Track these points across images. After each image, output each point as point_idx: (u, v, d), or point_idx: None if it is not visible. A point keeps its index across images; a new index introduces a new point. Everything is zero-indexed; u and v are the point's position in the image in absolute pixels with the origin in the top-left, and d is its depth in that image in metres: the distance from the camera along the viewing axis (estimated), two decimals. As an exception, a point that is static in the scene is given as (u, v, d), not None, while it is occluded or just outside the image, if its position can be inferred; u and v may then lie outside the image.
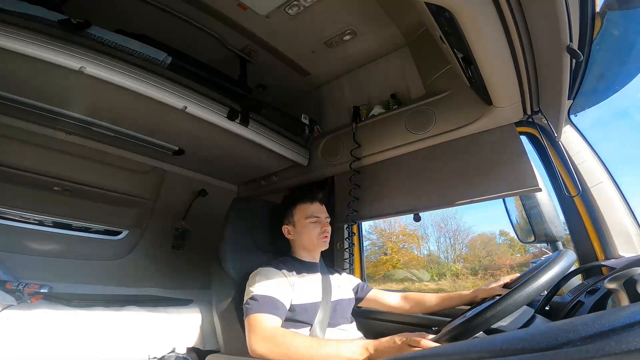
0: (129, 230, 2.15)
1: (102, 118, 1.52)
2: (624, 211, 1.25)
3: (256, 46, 1.71)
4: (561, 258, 0.79)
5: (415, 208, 1.61)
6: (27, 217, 1.78)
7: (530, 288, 0.70)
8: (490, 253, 11.17)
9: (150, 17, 1.52)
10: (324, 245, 1.40)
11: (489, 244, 11.46)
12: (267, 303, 1.12)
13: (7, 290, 1.26)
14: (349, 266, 1.87)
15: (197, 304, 1.65)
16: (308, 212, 1.39)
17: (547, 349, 0.28)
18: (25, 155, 1.67)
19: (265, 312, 1.10)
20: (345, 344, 0.99)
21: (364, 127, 1.80)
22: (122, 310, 1.41)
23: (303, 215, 1.40)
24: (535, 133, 1.42)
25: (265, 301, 1.13)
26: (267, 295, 1.14)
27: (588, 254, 1.29)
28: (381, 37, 1.67)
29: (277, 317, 1.11)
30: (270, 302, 1.13)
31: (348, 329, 1.31)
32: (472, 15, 0.84)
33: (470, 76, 1.18)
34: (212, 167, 2.17)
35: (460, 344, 0.37)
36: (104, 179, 1.93)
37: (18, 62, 1.10)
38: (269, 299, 1.13)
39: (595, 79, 1.26)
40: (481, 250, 11.38)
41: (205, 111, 1.45)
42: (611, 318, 0.29)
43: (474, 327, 0.70)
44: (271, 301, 1.13)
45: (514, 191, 1.35)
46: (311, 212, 1.40)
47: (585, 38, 0.99)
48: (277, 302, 1.14)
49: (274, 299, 1.14)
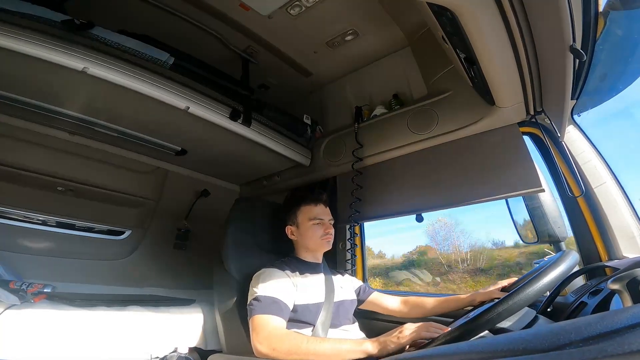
0: (131, 230, 2.15)
1: (105, 118, 1.53)
2: (628, 212, 1.25)
3: (258, 46, 1.71)
4: (564, 259, 0.78)
5: (417, 209, 1.61)
6: (30, 217, 1.79)
7: (534, 288, 0.70)
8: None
9: (152, 18, 1.52)
10: (327, 246, 1.40)
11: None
12: (271, 304, 1.13)
13: (11, 290, 1.26)
14: (351, 267, 1.87)
15: (199, 304, 1.65)
16: (312, 214, 1.40)
17: (550, 350, 0.28)
18: (28, 155, 1.68)
19: (268, 313, 1.10)
20: (347, 342, 0.99)
21: (366, 127, 1.80)
22: (124, 310, 1.41)
23: (307, 216, 1.40)
24: (538, 133, 1.41)
25: (269, 302, 1.13)
26: (271, 296, 1.15)
27: (591, 254, 1.28)
28: (383, 37, 1.67)
29: (280, 318, 1.11)
30: (273, 303, 1.13)
31: (350, 329, 1.31)
32: (474, 15, 0.84)
33: (473, 76, 1.17)
34: (214, 167, 2.17)
35: (463, 345, 0.37)
36: (107, 179, 1.94)
37: (21, 63, 1.11)
38: (272, 300, 1.14)
39: (598, 79, 1.25)
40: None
41: (207, 111, 1.46)
42: (614, 319, 0.29)
43: (476, 327, 0.69)
44: (275, 302, 1.14)
45: (517, 192, 1.35)
46: (315, 214, 1.40)
47: (588, 38, 0.99)
48: (281, 303, 1.14)
49: (278, 300, 1.15)
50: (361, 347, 0.95)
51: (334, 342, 1.01)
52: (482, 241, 15.42)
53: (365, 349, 0.95)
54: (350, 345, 0.97)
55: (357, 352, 0.95)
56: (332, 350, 0.97)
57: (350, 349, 0.96)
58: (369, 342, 0.96)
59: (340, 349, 0.97)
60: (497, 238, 16.09)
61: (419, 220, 1.63)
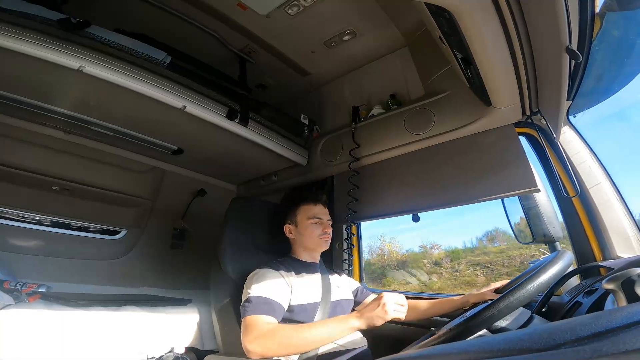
0: (127, 230, 2.14)
1: (101, 117, 1.52)
2: (622, 212, 1.26)
3: (256, 46, 1.71)
4: (559, 259, 0.79)
5: (414, 208, 1.61)
6: (25, 217, 1.78)
7: (529, 288, 0.70)
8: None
9: (149, 17, 1.51)
10: (324, 246, 1.41)
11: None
12: (263, 304, 1.12)
13: (5, 290, 1.26)
14: (347, 267, 1.87)
15: (195, 304, 1.65)
16: (311, 213, 1.40)
17: (545, 350, 0.28)
18: (23, 154, 1.67)
19: (259, 314, 1.10)
20: (333, 322, 1.06)
21: (364, 127, 1.80)
22: (120, 310, 1.41)
23: (306, 215, 1.40)
24: (534, 134, 1.42)
25: (261, 302, 1.13)
26: (263, 296, 1.14)
27: (586, 254, 1.29)
28: (381, 37, 1.67)
29: (272, 317, 1.11)
30: (266, 303, 1.13)
31: (347, 329, 1.31)
32: (472, 15, 0.84)
33: (470, 77, 1.18)
34: (211, 166, 2.17)
35: (459, 344, 0.37)
36: (102, 178, 1.93)
37: (17, 61, 1.10)
38: (265, 300, 1.13)
39: (594, 80, 1.26)
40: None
41: (204, 111, 1.45)
42: (609, 319, 0.29)
43: (473, 326, 0.70)
44: (267, 302, 1.13)
45: (512, 192, 1.35)
46: (314, 213, 1.40)
47: (584, 39, 0.99)
48: (274, 303, 1.14)
49: (271, 300, 1.14)
50: (349, 325, 1.03)
51: (322, 325, 1.07)
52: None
53: (352, 325, 1.03)
54: (337, 323, 1.04)
55: (346, 330, 1.03)
56: (323, 334, 1.03)
57: (339, 327, 1.03)
58: (354, 317, 1.03)
59: (330, 330, 1.03)
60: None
61: (415, 220, 1.63)
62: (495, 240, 11.46)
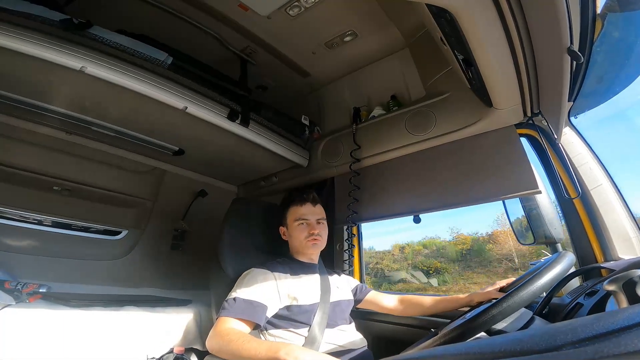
0: (128, 231, 2.14)
1: (102, 118, 1.52)
2: (624, 213, 1.25)
3: (257, 47, 1.71)
4: (560, 260, 0.79)
5: (415, 210, 1.61)
6: (26, 217, 1.78)
7: (530, 289, 0.70)
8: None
9: (151, 18, 1.52)
10: (313, 248, 1.38)
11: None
12: (243, 307, 1.10)
13: (6, 290, 1.26)
14: (348, 267, 1.87)
15: (195, 305, 1.65)
16: (297, 215, 1.39)
17: (546, 351, 0.28)
18: (24, 155, 1.67)
19: (233, 317, 1.08)
20: (267, 344, 0.92)
21: (364, 128, 1.80)
22: (120, 310, 1.40)
23: (293, 217, 1.40)
24: (536, 135, 1.42)
25: (241, 305, 1.11)
26: (248, 299, 1.13)
27: (587, 255, 1.29)
28: (382, 38, 1.67)
29: (244, 324, 1.08)
30: (248, 305, 1.11)
31: (347, 329, 1.31)
32: (473, 16, 0.84)
33: (471, 78, 1.18)
34: (212, 167, 2.17)
35: (460, 345, 0.37)
36: (103, 178, 1.93)
37: (19, 62, 1.10)
38: (247, 303, 1.12)
39: (595, 81, 1.26)
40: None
41: (205, 111, 1.45)
42: (610, 320, 0.29)
43: (473, 328, 0.69)
44: (249, 304, 1.12)
45: (513, 193, 1.35)
46: (300, 214, 1.39)
47: (585, 40, 0.99)
48: (256, 305, 1.12)
49: (254, 303, 1.12)
50: (276, 357, 0.86)
51: (261, 346, 0.91)
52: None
53: (278, 358, 0.86)
54: (270, 352, 0.88)
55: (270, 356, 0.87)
56: (256, 354, 0.90)
57: (267, 355, 0.88)
58: (283, 353, 0.86)
59: (264, 354, 0.88)
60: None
61: (416, 222, 1.63)
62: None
